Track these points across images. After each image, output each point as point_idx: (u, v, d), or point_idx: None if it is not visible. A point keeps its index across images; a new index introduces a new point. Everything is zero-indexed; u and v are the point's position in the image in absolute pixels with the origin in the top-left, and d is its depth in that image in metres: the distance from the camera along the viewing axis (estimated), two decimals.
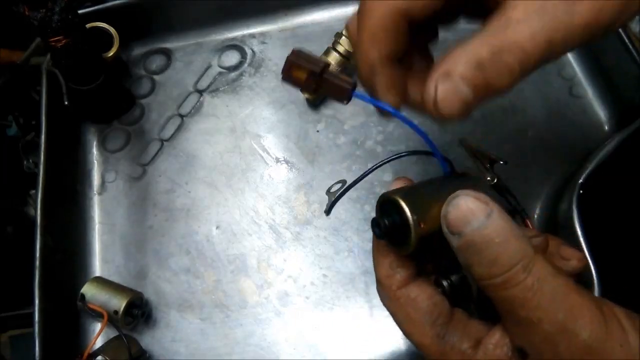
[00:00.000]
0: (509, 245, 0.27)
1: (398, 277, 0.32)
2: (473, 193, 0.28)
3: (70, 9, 0.55)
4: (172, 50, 0.70)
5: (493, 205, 0.28)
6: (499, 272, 0.27)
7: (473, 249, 0.27)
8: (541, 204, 0.57)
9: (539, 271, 0.27)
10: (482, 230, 0.27)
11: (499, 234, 0.27)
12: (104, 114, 0.67)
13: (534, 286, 0.27)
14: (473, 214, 0.28)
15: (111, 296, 0.54)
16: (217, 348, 0.56)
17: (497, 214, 0.28)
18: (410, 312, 0.32)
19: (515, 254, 0.27)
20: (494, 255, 0.27)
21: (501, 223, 0.27)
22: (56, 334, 0.53)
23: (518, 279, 0.27)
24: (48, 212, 0.57)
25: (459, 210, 0.28)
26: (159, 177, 0.64)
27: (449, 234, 0.29)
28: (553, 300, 0.27)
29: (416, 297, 0.32)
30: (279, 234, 0.59)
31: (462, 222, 0.28)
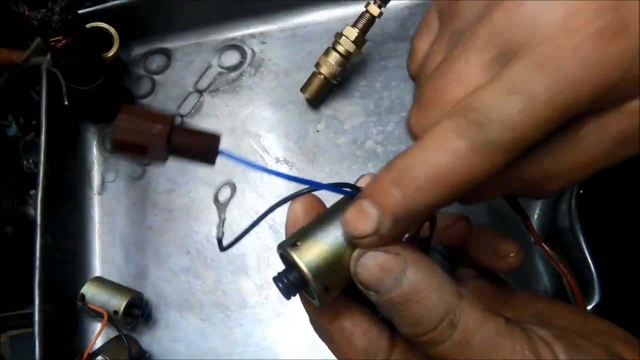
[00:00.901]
0: (430, 301, 0.25)
1: (328, 312, 0.29)
2: (382, 248, 0.25)
3: (70, 9, 0.55)
4: (172, 50, 0.70)
5: (405, 253, 0.25)
6: (422, 332, 0.25)
7: (394, 309, 0.25)
8: (541, 205, 0.57)
9: (466, 323, 0.25)
10: (398, 290, 0.25)
11: (419, 288, 0.25)
12: (104, 114, 0.67)
13: (462, 341, 0.25)
14: (386, 273, 0.25)
15: (111, 296, 0.54)
16: (217, 348, 0.56)
17: (412, 266, 0.25)
18: (345, 350, 0.29)
19: (438, 310, 0.25)
20: (416, 314, 0.25)
21: (418, 277, 0.25)
22: (56, 334, 0.53)
23: (444, 336, 0.25)
24: (48, 212, 0.57)
25: (369, 271, 0.25)
26: (159, 177, 0.64)
27: (364, 291, 0.26)
28: (483, 352, 0.25)
29: (350, 335, 0.29)
30: (279, 234, 0.59)
31: (375, 282, 0.25)
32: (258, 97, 0.66)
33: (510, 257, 0.32)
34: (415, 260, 0.25)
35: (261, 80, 0.67)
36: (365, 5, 0.58)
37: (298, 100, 0.65)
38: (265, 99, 0.66)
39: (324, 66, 0.60)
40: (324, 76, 0.60)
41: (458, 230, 0.32)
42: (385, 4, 0.57)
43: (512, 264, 0.32)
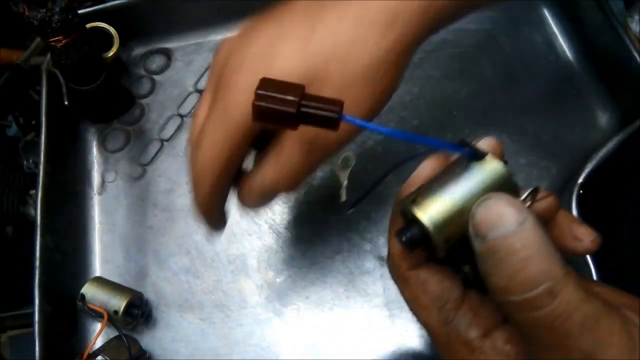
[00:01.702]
0: (534, 261, 0.24)
1: (411, 258, 0.31)
2: (508, 197, 0.26)
3: (70, 9, 0.55)
4: (172, 50, 0.70)
5: (527, 214, 0.25)
6: (517, 289, 0.25)
7: (494, 257, 0.25)
8: None
9: (568, 296, 0.24)
10: (507, 239, 0.25)
11: (526, 246, 0.24)
12: (104, 114, 0.67)
13: (563, 313, 0.24)
14: (502, 219, 0.25)
15: (111, 296, 0.54)
16: (217, 348, 0.56)
17: (530, 224, 0.25)
18: (418, 295, 0.31)
19: (539, 273, 0.24)
20: (515, 267, 0.24)
21: (531, 235, 0.25)
22: (56, 334, 0.53)
23: (541, 302, 0.24)
24: (48, 212, 0.57)
25: (488, 211, 0.26)
26: (159, 177, 0.64)
27: (473, 235, 0.26)
28: (583, 328, 0.24)
29: (425, 281, 0.30)
30: (279, 234, 0.59)
31: (488, 225, 0.25)
32: None
33: (587, 240, 0.32)
34: (534, 222, 0.25)
35: None
36: None
37: None
38: None
39: None
40: None
41: (548, 204, 0.32)
42: None
43: (588, 247, 0.33)
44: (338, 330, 0.55)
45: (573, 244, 0.33)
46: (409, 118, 0.63)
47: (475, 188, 0.28)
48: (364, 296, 0.56)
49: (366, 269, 0.57)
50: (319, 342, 0.55)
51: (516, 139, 0.61)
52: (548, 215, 0.32)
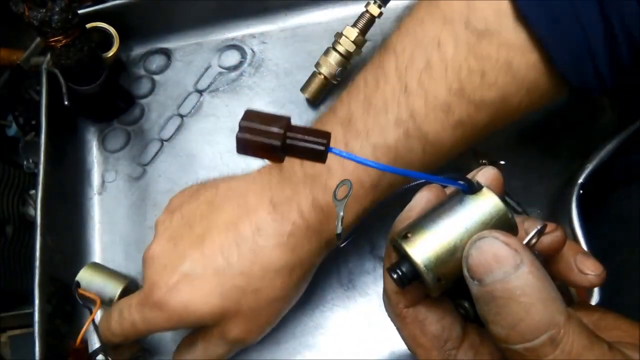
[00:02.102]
0: (535, 308, 0.23)
1: (408, 295, 0.29)
2: (503, 236, 0.25)
3: (70, 9, 0.55)
4: (172, 50, 0.70)
5: (525, 254, 0.24)
6: (519, 340, 0.23)
7: (493, 304, 0.24)
8: (541, 204, 0.57)
9: (569, 346, 0.23)
10: (505, 284, 0.23)
11: (526, 291, 0.23)
12: (104, 114, 0.67)
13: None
14: (498, 262, 0.24)
15: (106, 283, 0.54)
16: None
17: (528, 266, 0.24)
18: (416, 335, 0.29)
19: (540, 321, 0.23)
20: (515, 317, 0.23)
21: (530, 279, 0.23)
22: (56, 334, 0.53)
23: (543, 352, 0.23)
24: (48, 212, 0.57)
25: (482, 255, 0.24)
26: (159, 177, 0.64)
27: (468, 277, 0.25)
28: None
29: (424, 319, 0.29)
30: None
31: (484, 269, 0.24)
32: (258, 97, 0.66)
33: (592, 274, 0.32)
34: (533, 264, 0.24)
35: (261, 80, 0.67)
36: (365, 5, 0.59)
37: (298, 100, 0.65)
38: (265, 99, 0.66)
39: (324, 66, 0.60)
40: (324, 76, 0.60)
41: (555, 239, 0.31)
42: (385, 4, 0.58)
43: (593, 282, 0.32)
44: (338, 330, 0.55)
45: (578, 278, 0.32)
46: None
47: (470, 224, 0.26)
48: (364, 296, 0.56)
49: (366, 269, 0.57)
50: (319, 342, 0.55)
51: (516, 139, 0.61)
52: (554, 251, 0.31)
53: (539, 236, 0.28)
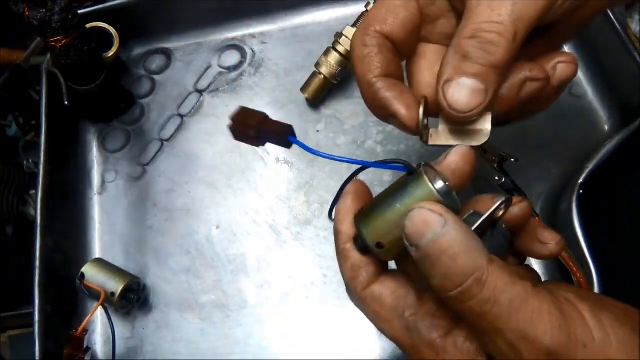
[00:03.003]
0: (461, 257, 0.27)
1: (361, 278, 0.33)
2: (428, 204, 0.29)
3: (70, 9, 0.55)
4: (172, 50, 0.70)
5: (448, 216, 0.28)
6: (452, 286, 0.27)
7: (428, 261, 0.28)
8: (541, 204, 0.57)
9: (494, 282, 0.27)
10: (434, 243, 0.27)
11: (452, 245, 0.27)
12: (104, 114, 0.67)
13: (490, 298, 0.27)
14: (428, 226, 0.28)
15: (110, 278, 0.54)
16: (217, 348, 0.56)
17: (452, 225, 0.28)
18: (377, 310, 0.33)
19: (466, 267, 0.27)
20: (446, 267, 0.27)
21: (454, 234, 0.27)
22: (56, 334, 0.53)
23: (472, 292, 0.27)
24: (48, 212, 0.57)
25: (414, 223, 0.28)
26: (159, 177, 0.64)
27: (409, 246, 0.29)
28: (511, 309, 0.27)
29: (380, 295, 0.32)
30: (279, 234, 0.59)
31: (418, 234, 0.28)
32: (258, 97, 0.66)
33: (551, 244, 0.34)
34: (455, 222, 0.28)
35: (261, 80, 0.67)
36: (365, 5, 0.58)
37: (298, 100, 0.65)
38: (265, 99, 0.66)
39: (324, 66, 0.60)
40: (324, 76, 0.60)
41: (520, 210, 0.34)
42: None
43: (553, 250, 0.34)
44: (338, 330, 0.55)
45: (539, 248, 0.35)
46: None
47: (403, 200, 0.30)
48: None
49: None
50: (319, 342, 0.55)
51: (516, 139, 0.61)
52: (521, 220, 0.35)
53: (506, 208, 0.32)
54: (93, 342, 0.57)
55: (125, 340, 0.57)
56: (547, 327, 0.27)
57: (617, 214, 0.53)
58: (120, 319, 0.57)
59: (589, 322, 0.27)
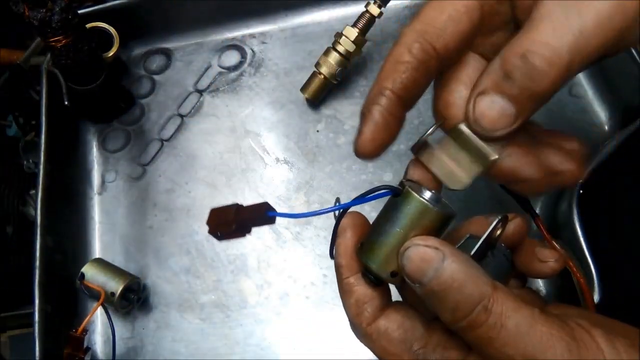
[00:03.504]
0: (466, 288, 0.27)
1: (366, 314, 0.32)
2: (422, 241, 0.29)
3: (70, 9, 0.55)
4: (172, 50, 0.70)
5: (444, 248, 0.28)
6: (462, 317, 0.27)
7: (435, 297, 0.28)
8: (541, 204, 0.57)
9: (499, 308, 0.27)
10: (437, 279, 0.27)
11: (455, 278, 0.27)
12: (104, 114, 0.67)
13: (497, 324, 0.27)
14: (427, 263, 0.28)
15: (109, 278, 0.54)
16: (217, 348, 0.56)
17: (450, 257, 0.28)
18: (384, 345, 0.32)
19: (473, 296, 0.27)
20: (454, 301, 0.27)
21: (455, 267, 0.27)
22: (56, 334, 0.53)
23: (480, 320, 0.27)
24: (48, 212, 0.57)
25: (412, 261, 0.28)
26: (159, 177, 0.64)
27: (411, 284, 0.29)
28: (518, 334, 0.27)
29: (386, 329, 0.32)
30: (279, 234, 0.59)
31: (418, 273, 0.28)
32: (258, 97, 0.66)
33: (551, 262, 0.34)
34: (453, 254, 0.28)
35: (261, 80, 0.67)
36: (365, 5, 0.58)
37: (298, 100, 0.65)
38: (265, 99, 0.66)
39: (324, 66, 0.60)
40: (324, 76, 0.60)
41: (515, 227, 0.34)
42: (385, 4, 0.57)
43: (555, 268, 0.34)
44: (338, 330, 0.55)
45: (539, 267, 0.34)
46: (409, 118, 0.63)
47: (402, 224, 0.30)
48: None
49: None
50: (319, 342, 0.55)
51: None
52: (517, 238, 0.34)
53: (503, 227, 0.32)
54: (93, 342, 0.57)
55: (125, 340, 0.57)
56: (557, 351, 0.26)
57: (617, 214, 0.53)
58: (120, 319, 0.57)
59: (603, 348, 0.27)
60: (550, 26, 0.27)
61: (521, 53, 0.27)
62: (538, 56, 0.27)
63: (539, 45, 0.27)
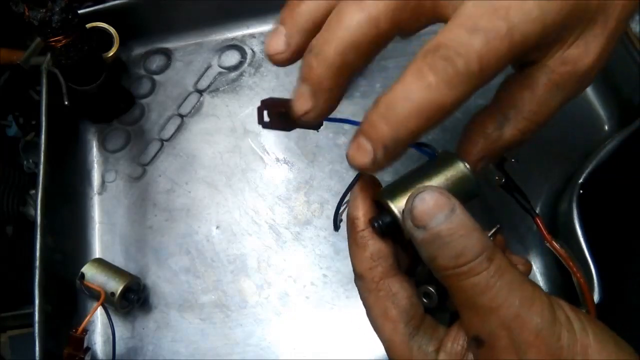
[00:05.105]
0: (473, 237, 0.29)
1: (380, 268, 0.33)
2: (436, 188, 0.30)
3: (70, 9, 0.55)
4: (172, 50, 0.70)
5: (455, 200, 0.29)
6: (464, 262, 0.28)
7: (439, 241, 0.29)
8: (541, 204, 0.57)
9: (499, 261, 0.29)
10: (448, 224, 0.29)
11: (463, 227, 0.29)
12: (104, 114, 0.67)
13: (495, 275, 0.28)
14: (439, 208, 0.29)
15: (110, 278, 0.54)
16: (217, 348, 0.56)
17: (460, 209, 0.29)
18: (388, 307, 0.32)
19: (479, 245, 0.29)
20: (460, 246, 0.28)
21: (464, 217, 0.29)
22: (56, 334, 0.53)
23: (482, 267, 0.28)
24: (48, 212, 0.57)
25: (426, 204, 0.29)
26: (159, 177, 0.64)
27: (413, 227, 0.30)
28: (510, 288, 0.28)
29: (397, 293, 0.32)
30: (279, 234, 0.59)
31: (428, 215, 0.29)
32: (258, 97, 0.66)
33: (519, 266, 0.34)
34: (462, 207, 0.29)
35: (261, 80, 0.67)
36: None
37: None
38: None
39: None
40: None
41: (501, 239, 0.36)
42: None
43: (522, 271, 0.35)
44: (338, 330, 0.55)
45: None
46: None
47: (438, 180, 0.32)
48: None
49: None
50: (319, 342, 0.55)
51: None
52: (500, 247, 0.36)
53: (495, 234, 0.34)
54: (93, 342, 0.57)
55: (125, 340, 0.57)
56: (538, 309, 0.28)
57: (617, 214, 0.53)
58: (120, 319, 0.57)
59: (570, 314, 0.29)
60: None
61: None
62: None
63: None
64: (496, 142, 0.34)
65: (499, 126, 0.33)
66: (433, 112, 0.28)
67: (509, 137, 0.33)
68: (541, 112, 0.33)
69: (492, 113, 0.34)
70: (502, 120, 0.33)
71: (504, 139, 0.33)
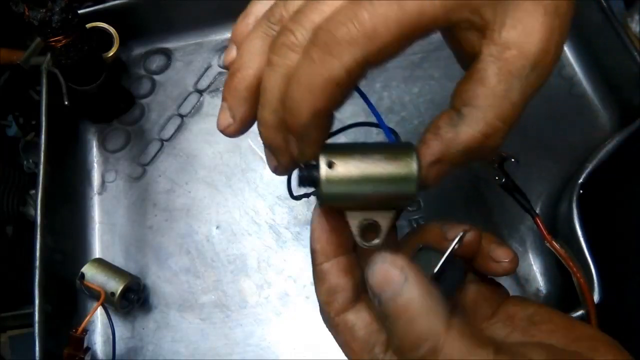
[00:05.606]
0: (417, 321, 0.26)
1: (336, 304, 0.32)
2: (389, 256, 0.27)
3: (70, 9, 0.55)
4: (172, 50, 0.70)
5: (409, 270, 0.27)
6: (407, 350, 0.26)
7: (388, 320, 0.27)
8: (541, 204, 0.57)
9: (451, 352, 0.25)
10: (394, 302, 0.26)
11: (409, 306, 0.26)
12: (104, 114, 0.67)
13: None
14: (387, 282, 0.27)
15: (110, 278, 0.54)
16: (217, 348, 0.56)
17: (412, 281, 0.26)
18: (348, 340, 0.32)
19: (422, 331, 0.26)
20: (403, 330, 0.26)
21: (413, 294, 0.26)
22: (56, 334, 0.53)
23: (432, 356, 0.25)
24: (48, 212, 0.57)
25: (375, 276, 0.27)
26: (159, 177, 0.64)
27: (372, 296, 0.28)
28: None
29: (353, 325, 0.32)
30: (279, 234, 0.59)
31: (378, 289, 0.27)
32: None
33: (505, 262, 0.34)
34: (416, 281, 0.26)
35: None
36: None
37: None
38: None
39: None
40: None
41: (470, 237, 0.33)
42: None
43: (507, 268, 0.34)
44: None
45: (494, 267, 0.34)
46: (409, 118, 0.63)
47: (380, 163, 0.30)
48: None
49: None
50: (319, 342, 0.55)
51: (516, 138, 0.61)
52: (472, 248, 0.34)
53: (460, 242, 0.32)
54: (93, 342, 0.57)
55: (125, 340, 0.57)
56: None
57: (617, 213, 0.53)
58: (120, 319, 0.57)
59: None
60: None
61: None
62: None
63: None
64: (451, 143, 0.30)
65: (453, 125, 0.30)
66: (327, 85, 0.29)
67: (466, 138, 0.30)
68: (502, 107, 0.30)
69: (447, 112, 0.31)
70: (456, 119, 0.30)
71: (460, 140, 0.30)
